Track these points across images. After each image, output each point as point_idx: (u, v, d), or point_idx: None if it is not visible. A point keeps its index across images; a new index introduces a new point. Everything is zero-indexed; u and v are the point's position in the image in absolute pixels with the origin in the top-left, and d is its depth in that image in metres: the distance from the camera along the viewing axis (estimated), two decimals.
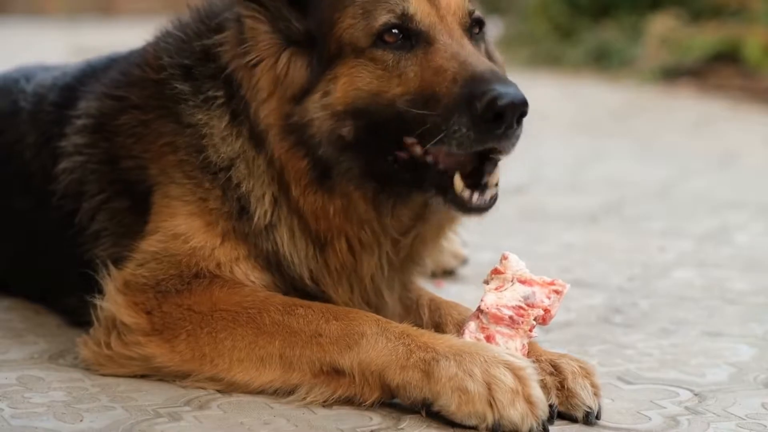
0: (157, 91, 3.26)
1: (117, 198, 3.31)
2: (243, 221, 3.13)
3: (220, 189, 3.14)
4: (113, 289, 3.10)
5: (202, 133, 3.16)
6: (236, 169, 3.13)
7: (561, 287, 2.97)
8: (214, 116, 3.16)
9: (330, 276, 3.14)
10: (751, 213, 6.10)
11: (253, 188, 3.12)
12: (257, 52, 3.08)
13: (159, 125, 3.24)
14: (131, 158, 3.28)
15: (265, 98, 3.07)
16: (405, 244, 3.18)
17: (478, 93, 2.86)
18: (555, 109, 10.69)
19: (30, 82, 3.79)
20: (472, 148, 2.90)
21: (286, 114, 3.05)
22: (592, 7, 13.89)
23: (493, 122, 2.85)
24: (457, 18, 3.08)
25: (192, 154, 3.17)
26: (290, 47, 3.07)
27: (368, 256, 3.13)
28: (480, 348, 2.81)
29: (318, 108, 3.01)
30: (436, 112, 2.89)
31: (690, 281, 4.56)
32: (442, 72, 2.94)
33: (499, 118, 2.85)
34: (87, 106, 3.42)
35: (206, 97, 3.17)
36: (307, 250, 3.13)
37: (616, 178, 7.22)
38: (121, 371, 3.06)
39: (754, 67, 11.52)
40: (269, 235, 3.13)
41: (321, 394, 2.89)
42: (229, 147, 3.13)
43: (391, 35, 3.02)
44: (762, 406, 3.08)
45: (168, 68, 3.25)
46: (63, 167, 3.40)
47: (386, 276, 3.19)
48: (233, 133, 3.14)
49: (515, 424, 2.70)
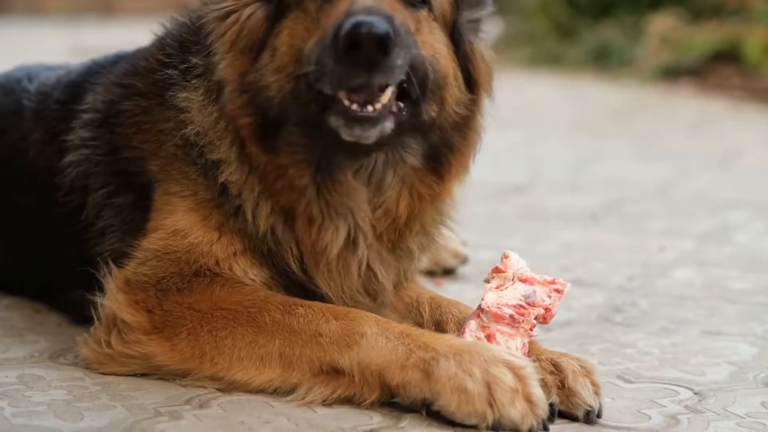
0: (158, 78, 3.27)
1: (121, 192, 3.31)
2: (225, 202, 3.13)
3: (203, 176, 3.15)
4: (114, 287, 3.10)
5: (182, 107, 3.18)
6: (208, 140, 3.13)
7: (561, 286, 2.98)
8: (193, 88, 3.18)
9: (311, 260, 3.13)
10: (751, 213, 6.10)
11: (222, 154, 3.11)
12: (231, 2, 3.10)
13: (157, 112, 3.25)
14: (132, 148, 3.29)
15: (226, 50, 3.08)
16: (373, 218, 3.14)
17: (341, 25, 2.79)
18: (555, 109, 10.70)
19: (33, 82, 3.80)
20: (344, 84, 2.83)
21: (243, 70, 3.05)
22: (592, 7, 13.90)
23: (351, 52, 2.77)
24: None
25: (176, 140, 3.18)
26: (259, 1, 3.08)
27: (326, 234, 3.10)
28: (480, 347, 2.81)
29: (271, 71, 3.01)
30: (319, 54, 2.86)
31: (690, 281, 4.56)
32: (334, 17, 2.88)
33: (357, 47, 2.76)
34: (94, 100, 3.44)
35: (189, 65, 3.20)
36: (272, 218, 3.11)
37: (616, 177, 7.22)
38: (121, 370, 3.06)
39: (754, 66, 11.53)
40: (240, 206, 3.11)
41: (321, 394, 2.89)
42: (204, 117, 3.14)
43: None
44: (762, 405, 3.08)
45: (167, 48, 3.28)
46: (69, 160, 3.41)
47: (371, 258, 3.16)
48: (207, 97, 3.14)
49: (515, 424, 2.70)
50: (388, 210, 3.16)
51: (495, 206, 6.06)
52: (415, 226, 3.25)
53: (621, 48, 13.02)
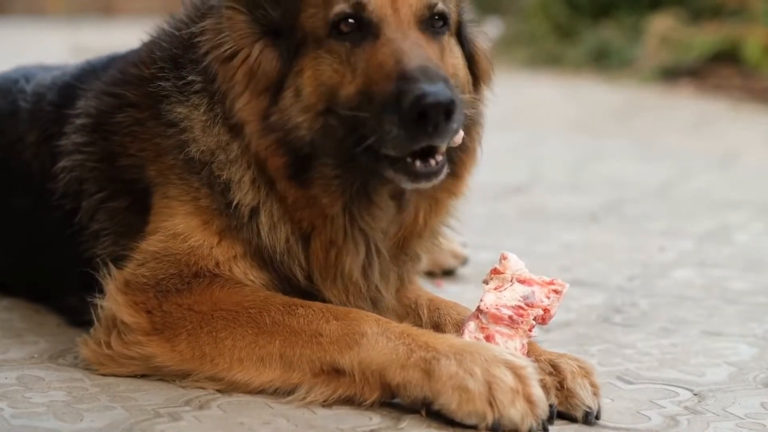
0: (150, 89, 3.25)
1: (116, 197, 3.31)
2: (232, 215, 3.12)
3: (207, 187, 3.13)
4: (114, 288, 3.10)
5: (182, 127, 3.15)
6: (217, 160, 3.12)
7: (560, 287, 2.98)
8: (192, 105, 3.15)
9: (320, 274, 3.14)
10: (751, 213, 6.10)
11: (233, 174, 3.10)
12: (232, 43, 3.06)
13: (152, 125, 3.24)
14: (128, 156, 3.27)
15: (240, 92, 3.06)
16: (390, 236, 3.16)
17: (404, 91, 2.80)
18: (555, 109, 10.70)
19: (30, 82, 3.79)
20: (407, 149, 2.86)
21: (264, 111, 3.03)
22: (592, 7, 13.90)
23: (419, 121, 2.81)
24: (413, 10, 3.00)
25: (177, 156, 3.16)
26: (264, 38, 3.05)
27: (347, 256, 3.12)
28: (480, 347, 2.81)
29: (298, 111, 2.99)
30: (371, 114, 2.86)
31: (690, 281, 4.56)
32: (380, 68, 2.89)
33: (425, 117, 2.80)
34: (86, 105, 3.43)
35: (185, 82, 3.16)
36: (289, 239, 3.11)
37: (616, 178, 7.22)
38: (121, 371, 3.06)
39: (753, 67, 11.52)
40: (252, 224, 3.11)
41: (321, 394, 2.89)
42: (210, 138, 3.12)
43: (346, 25, 2.97)
44: (761, 406, 3.08)
45: (158, 62, 3.25)
46: (62, 166, 3.40)
47: (379, 271, 3.18)
48: (212, 118, 3.12)
49: (515, 424, 2.70)
50: (407, 224, 3.19)
51: (495, 206, 6.06)
52: (426, 231, 3.28)
53: (621, 48, 13.01)
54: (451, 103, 2.80)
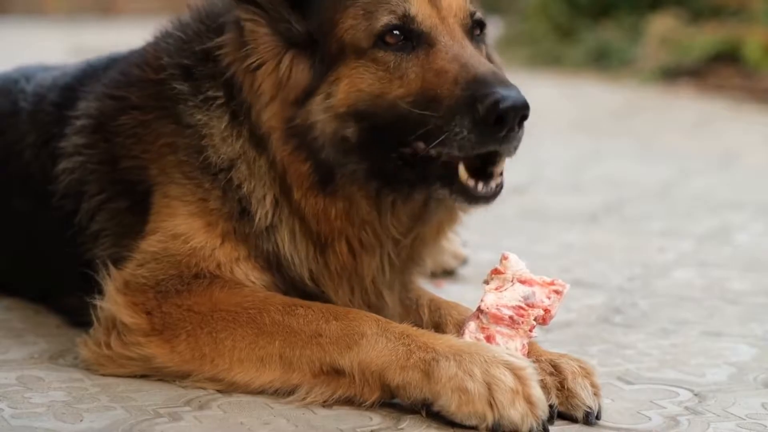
0: (156, 92, 3.25)
1: (117, 198, 3.31)
2: (244, 222, 3.13)
3: (221, 190, 3.14)
4: (113, 289, 3.10)
5: (202, 133, 3.16)
6: (237, 170, 3.12)
7: (561, 287, 2.97)
8: (214, 117, 3.16)
9: (330, 277, 3.15)
10: (751, 213, 6.10)
11: (254, 189, 3.11)
12: (258, 55, 3.07)
13: (158, 126, 3.23)
14: (131, 158, 3.27)
15: (268, 102, 3.07)
16: (405, 244, 3.18)
17: (480, 95, 2.86)
18: (555, 109, 10.69)
19: (30, 83, 3.79)
20: (473, 151, 2.90)
21: (289, 117, 3.04)
22: (592, 7, 13.90)
23: (494, 125, 2.85)
24: (459, 19, 3.08)
25: (192, 155, 3.16)
26: (292, 49, 3.06)
27: (369, 258, 3.13)
28: (480, 348, 2.81)
29: (320, 110, 3.01)
30: (438, 114, 2.90)
31: (690, 281, 4.56)
32: (443, 73, 2.94)
33: (501, 121, 2.85)
34: (87, 107, 3.42)
35: (206, 97, 3.17)
36: (308, 252, 3.13)
37: (616, 178, 7.22)
38: (121, 371, 3.06)
39: (753, 67, 11.52)
40: (270, 237, 3.13)
41: (321, 395, 2.89)
42: (230, 148, 3.13)
43: (392, 36, 3.01)
44: (762, 407, 3.08)
45: (168, 68, 3.24)
46: (63, 167, 3.40)
47: (387, 277, 3.19)
48: (233, 133, 3.13)
49: (515, 424, 2.70)
50: (422, 233, 3.20)
51: (495, 207, 6.04)
52: (439, 239, 3.32)
53: (621, 48, 13.01)
54: (527, 109, 2.88)
